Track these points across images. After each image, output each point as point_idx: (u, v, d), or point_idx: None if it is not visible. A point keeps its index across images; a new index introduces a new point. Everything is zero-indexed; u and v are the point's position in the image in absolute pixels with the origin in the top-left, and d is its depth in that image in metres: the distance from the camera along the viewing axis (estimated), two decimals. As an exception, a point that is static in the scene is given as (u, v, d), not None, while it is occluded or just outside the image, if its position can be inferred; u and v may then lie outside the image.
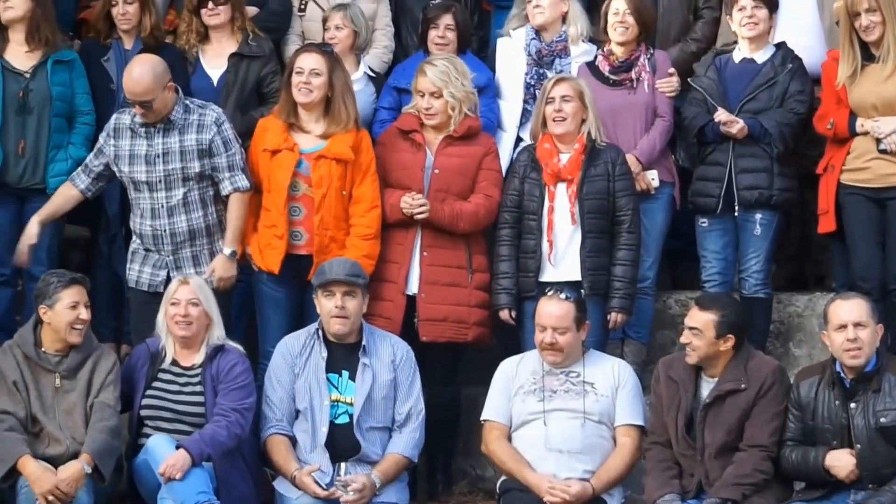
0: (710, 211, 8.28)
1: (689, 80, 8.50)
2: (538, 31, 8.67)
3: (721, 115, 8.14)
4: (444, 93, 7.98)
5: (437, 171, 8.03)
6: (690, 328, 7.23)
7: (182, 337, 7.55)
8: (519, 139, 8.56)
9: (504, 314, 7.92)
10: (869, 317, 7.01)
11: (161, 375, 7.61)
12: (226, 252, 7.93)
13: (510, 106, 8.63)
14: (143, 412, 7.56)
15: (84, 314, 7.44)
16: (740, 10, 8.29)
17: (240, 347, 7.65)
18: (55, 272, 7.65)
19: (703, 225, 8.38)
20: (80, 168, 8.04)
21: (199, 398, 7.55)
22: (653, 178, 8.33)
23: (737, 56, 8.43)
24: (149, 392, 7.57)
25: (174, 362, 7.61)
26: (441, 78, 8.01)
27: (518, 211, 7.94)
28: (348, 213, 8.02)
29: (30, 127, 8.23)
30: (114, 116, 8.08)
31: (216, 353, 7.56)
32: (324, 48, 8.06)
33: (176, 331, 7.54)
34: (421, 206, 7.90)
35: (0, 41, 8.33)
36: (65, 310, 7.42)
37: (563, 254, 7.86)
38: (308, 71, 7.85)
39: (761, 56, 8.37)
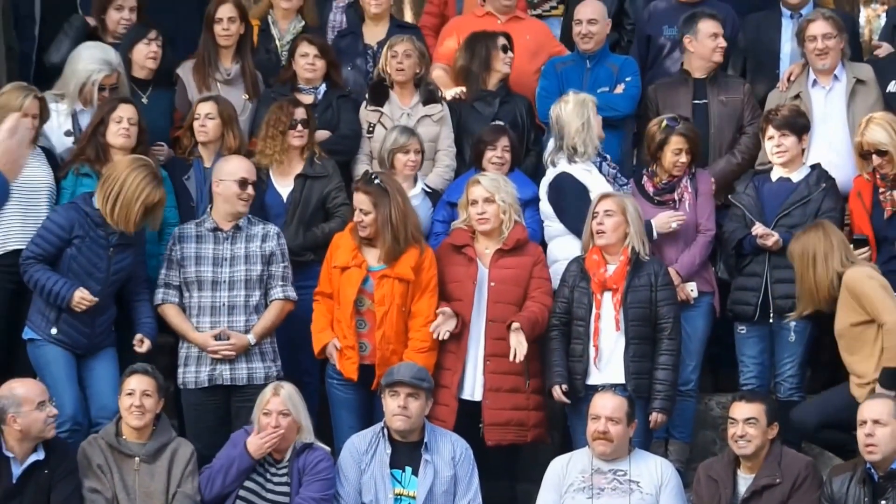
0: (747, 318, 8.36)
1: (729, 196, 8.62)
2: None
3: (758, 229, 8.27)
4: (496, 197, 8.11)
5: (492, 283, 8.12)
6: (747, 419, 7.33)
7: (270, 445, 7.58)
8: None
9: (557, 390, 7.91)
10: (892, 416, 7.06)
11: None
12: (248, 336, 8.07)
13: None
14: (241, 492, 7.61)
15: (138, 401, 7.55)
16: (769, 139, 8.47)
17: (327, 448, 7.75)
18: (131, 366, 7.80)
19: (741, 332, 8.45)
20: (162, 288, 8.18)
21: (286, 489, 7.60)
22: (692, 289, 8.46)
23: (774, 175, 8.55)
24: (248, 483, 7.64)
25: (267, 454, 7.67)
26: (493, 184, 8.17)
27: (567, 317, 8.00)
28: (407, 327, 8.14)
29: (125, 236, 8.21)
30: (176, 228, 8.26)
31: (304, 450, 7.63)
32: (371, 183, 8.11)
33: (267, 439, 7.56)
34: (443, 328, 8.02)
35: (102, 161, 8.39)
36: (123, 396, 7.61)
37: (609, 358, 7.92)
38: (358, 210, 8.06)
39: (797, 176, 8.47)
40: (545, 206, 8.62)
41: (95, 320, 8.07)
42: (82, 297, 7.92)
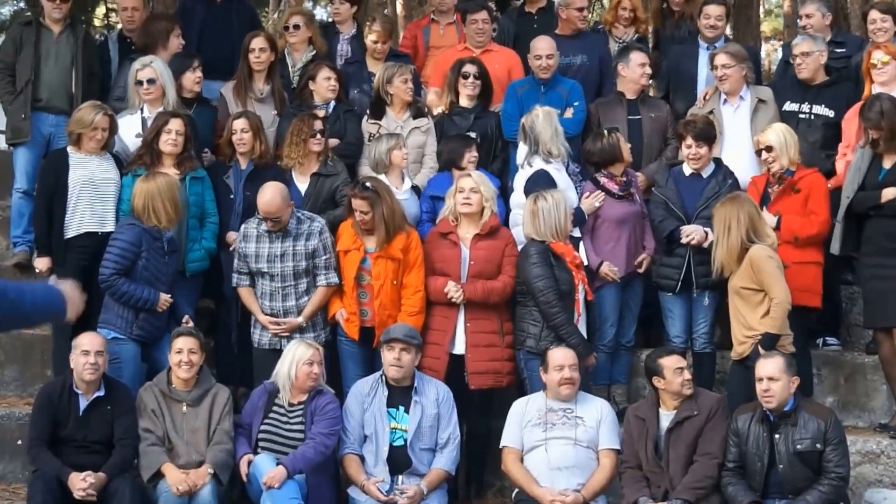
0: (669, 290, 8.39)
1: (653, 189, 8.61)
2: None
3: (688, 231, 8.28)
4: (481, 188, 8.19)
5: (472, 262, 8.15)
6: (677, 368, 7.36)
7: (310, 388, 7.72)
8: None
9: (591, 359, 8.00)
10: (782, 371, 7.11)
11: (275, 408, 7.78)
12: (299, 319, 8.17)
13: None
14: (261, 434, 7.71)
15: (186, 358, 7.64)
16: (688, 146, 8.47)
17: (332, 391, 7.85)
18: (178, 328, 7.91)
19: (668, 297, 8.44)
20: (236, 274, 8.29)
21: (300, 426, 7.70)
22: (614, 270, 8.41)
23: (686, 170, 8.52)
24: (266, 420, 7.75)
25: (287, 401, 7.76)
26: (480, 178, 8.28)
27: (559, 293, 7.84)
28: (400, 296, 8.18)
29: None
30: (243, 226, 8.33)
31: (316, 395, 7.74)
32: (367, 191, 8.12)
33: (306, 382, 7.69)
34: (457, 291, 8.06)
35: (156, 164, 8.46)
36: (173, 353, 7.69)
37: (580, 323, 8.01)
38: (359, 212, 8.11)
39: (705, 172, 8.48)
40: (520, 197, 8.49)
41: (162, 315, 8.15)
42: (166, 300, 8.06)
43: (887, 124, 8.00)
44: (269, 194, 8.12)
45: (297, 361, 7.71)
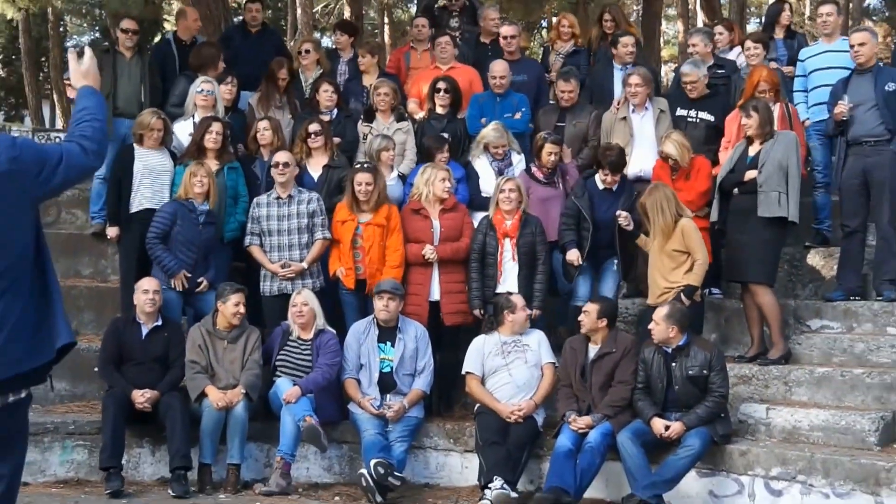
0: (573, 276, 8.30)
1: (572, 198, 8.27)
2: (494, 157, 8.78)
3: (624, 217, 8.12)
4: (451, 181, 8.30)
5: (442, 229, 8.18)
6: (584, 311, 7.43)
7: (299, 324, 7.79)
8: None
9: (477, 312, 8.04)
10: (663, 319, 7.10)
11: (289, 343, 7.83)
12: (303, 264, 8.09)
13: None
14: (278, 363, 7.78)
15: (242, 309, 7.67)
16: (605, 174, 8.19)
17: (334, 331, 7.87)
18: (229, 284, 7.85)
19: (582, 265, 8.19)
20: (249, 235, 8.23)
21: (309, 358, 7.75)
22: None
23: (599, 185, 8.25)
24: (281, 353, 7.80)
25: (297, 337, 7.83)
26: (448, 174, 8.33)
27: (481, 254, 8.02)
28: (385, 255, 8.15)
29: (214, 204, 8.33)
30: (256, 198, 8.35)
31: (320, 333, 7.78)
32: (370, 167, 8.23)
33: (296, 319, 7.79)
34: (433, 253, 8.08)
35: (201, 157, 8.41)
36: (231, 306, 7.64)
37: (506, 278, 7.97)
38: (363, 183, 8.11)
39: (614, 186, 8.21)
40: None
41: (196, 272, 8.13)
42: (182, 275, 8.01)
43: (759, 116, 7.97)
44: (284, 151, 8.41)
45: (292, 306, 7.82)
